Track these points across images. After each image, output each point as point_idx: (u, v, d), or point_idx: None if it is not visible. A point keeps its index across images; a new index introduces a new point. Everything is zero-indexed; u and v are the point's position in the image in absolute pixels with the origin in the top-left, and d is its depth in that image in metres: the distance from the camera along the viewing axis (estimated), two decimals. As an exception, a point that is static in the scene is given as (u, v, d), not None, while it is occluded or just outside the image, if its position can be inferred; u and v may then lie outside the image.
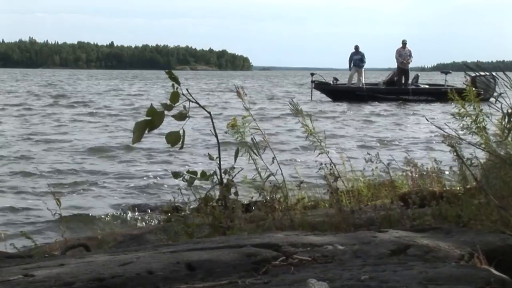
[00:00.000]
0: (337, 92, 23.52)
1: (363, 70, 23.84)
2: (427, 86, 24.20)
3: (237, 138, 3.87)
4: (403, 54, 22.92)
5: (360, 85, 23.58)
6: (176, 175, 3.50)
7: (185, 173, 3.49)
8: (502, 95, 3.31)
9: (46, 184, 7.68)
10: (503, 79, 3.37)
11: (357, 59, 23.46)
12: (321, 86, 23.91)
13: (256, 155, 3.80)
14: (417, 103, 22.35)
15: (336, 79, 23.95)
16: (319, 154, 4.08)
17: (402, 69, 23.03)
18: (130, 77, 68.16)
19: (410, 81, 24.02)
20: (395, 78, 23.46)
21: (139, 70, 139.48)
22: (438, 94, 22.98)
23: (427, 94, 23.21)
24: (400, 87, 23.10)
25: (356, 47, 23.77)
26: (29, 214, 6.53)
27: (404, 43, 23.22)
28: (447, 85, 23.73)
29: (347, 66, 24.03)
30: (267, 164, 4.00)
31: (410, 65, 23.49)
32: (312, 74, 24.36)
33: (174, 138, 3.15)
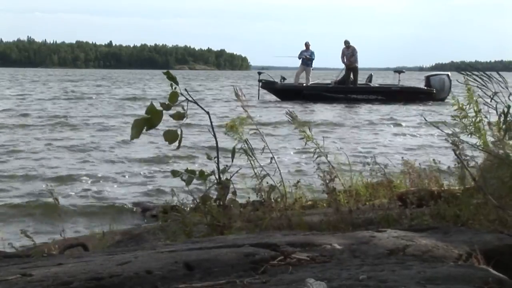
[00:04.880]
0: (284, 91, 23.26)
1: (311, 68, 23.70)
2: (377, 85, 24.12)
3: (236, 139, 3.87)
4: (347, 54, 22.86)
5: (309, 84, 23.46)
6: (175, 173, 3.51)
7: (183, 172, 3.49)
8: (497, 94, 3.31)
9: (44, 184, 7.69)
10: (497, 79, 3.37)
11: (305, 57, 23.31)
12: (268, 85, 23.67)
13: (251, 157, 3.80)
14: (367, 102, 22.22)
15: (283, 78, 23.67)
16: (317, 157, 4.09)
17: (350, 68, 22.88)
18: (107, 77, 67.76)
19: (365, 80, 24.00)
20: (338, 78, 23.45)
21: (138, 70, 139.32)
22: (388, 94, 22.96)
23: (377, 94, 23.10)
24: (348, 86, 22.98)
25: (307, 44, 23.55)
26: (27, 214, 6.52)
27: (346, 43, 23.12)
28: (401, 85, 23.71)
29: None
30: (266, 164, 4.01)
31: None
32: (259, 73, 24.21)
33: (171, 136, 3.20)
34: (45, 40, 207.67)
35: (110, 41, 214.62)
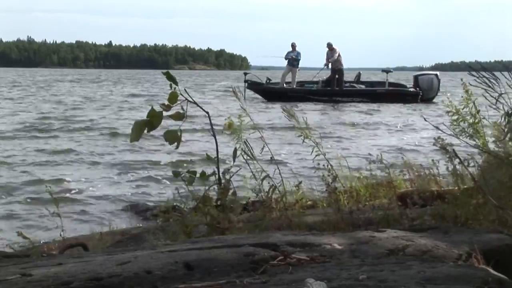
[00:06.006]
0: (269, 93, 23.35)
1: (297, 69, 23.69)
2: (363, 87, 23.93)
3: (234, 138, 3.87)
4: (331, 57, 22.83)
5: (294, 85, 23.41)
6: (176, 173, 3.52)
7: (184, 172, 3.50)
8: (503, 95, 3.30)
9: (43, 185, 7.68)
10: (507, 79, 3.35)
11: (292, 58, 23.30)
12: (254, 86, 23.73)
13: (251, 158, 3.79)
14: (351, 104, 22.15)
15: (269, 79, 23.79)
16: (316, 156, 4.09)
17: (335, 70, 22.88)
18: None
19: (354, 79, 24.05)
20: (324, 79, 23.48)
21: (137, 70, 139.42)
22: (373, 96, 22.93)
23: (362, 96, 23.09)
24: (333, 88, 22.95)
25: (293, 45, 23.55)
26: (27, 213, 6.52)
27: (329, 45, 23.09)
28: (389, 83, 23.70)
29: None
30: (265, 164, 4.01)
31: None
32: (245, 74, 24.30)
33: (172, 136, 3.22)
34: (45, 40, 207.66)
35: (110, 41, 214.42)
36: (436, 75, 23.49)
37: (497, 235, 2.60)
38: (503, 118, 3.26)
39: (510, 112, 3.17)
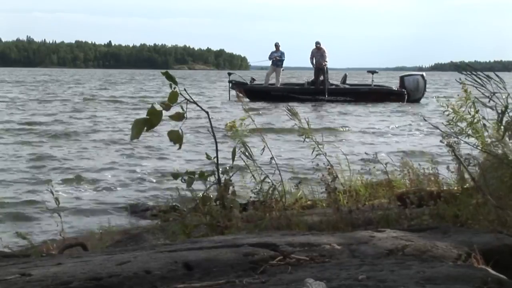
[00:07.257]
0: (254, 92, 23.15)
1: (281, 69, 23.76)
2: (347, 86, 23.93)
3: (235, 139, 3.87)
4: (316, 55, 22.80)
5: (278, 85, 23.46)
6: (175, 175, 3.52)
7: (183, 173, 3.49)
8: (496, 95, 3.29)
9: (42, 184, 7.68)
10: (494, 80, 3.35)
11: (276, 58, 23.35)
12: (238, 86, 23.69)
13: (250, 159, 3.80)
14: (335, 103, 22.09)
15: (253, 79, 23.94)
16: (317, 155, 4.09)
17: (318, 69, 22.83)
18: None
19: (340, 81, 24.09)
20: (310, 80, 23.48)
21: (137, 70, 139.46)
22: (357, 95, 22.90)
23: (345, 95, 23.02)
24: (317, 88, 22.92)
25: (276, 45, 23.66)
26: (26, 213, 6.51)
27: (316, 44, 23.09)
28: (374, 85, 23.66)
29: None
30: (266, 163, 4.01)
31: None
32: (229, 74, 24.45)
33: (175, 136, 3.23)
34: (45, 40, 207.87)
35: (110, 41, 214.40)
36: (422, 75, 23.47)
37: (496, 235, 2.60)
38: (497, 118, 3.26)
39: (503, 111, 3.17)
